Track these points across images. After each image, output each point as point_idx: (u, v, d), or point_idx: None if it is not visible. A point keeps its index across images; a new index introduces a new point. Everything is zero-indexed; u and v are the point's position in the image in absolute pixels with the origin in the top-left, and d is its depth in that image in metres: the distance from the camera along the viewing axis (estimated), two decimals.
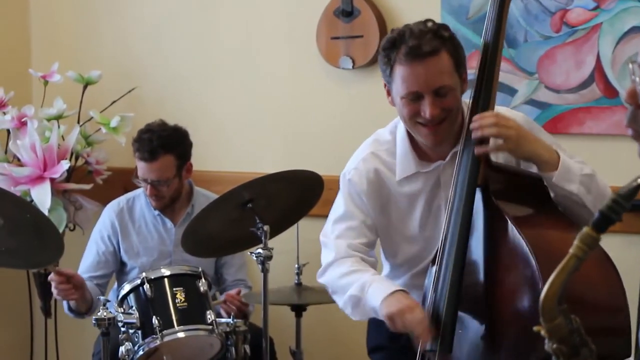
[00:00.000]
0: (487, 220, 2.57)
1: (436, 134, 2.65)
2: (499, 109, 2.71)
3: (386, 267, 2.95)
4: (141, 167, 3.71)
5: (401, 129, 2.77)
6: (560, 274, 1.46)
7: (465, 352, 2.59)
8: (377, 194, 2.79)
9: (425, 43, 2.57)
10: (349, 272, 2.74)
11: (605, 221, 1.44)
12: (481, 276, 2.57)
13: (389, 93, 2.70)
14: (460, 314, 2.56)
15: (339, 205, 2.85)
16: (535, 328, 1.50)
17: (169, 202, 3.80)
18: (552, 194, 2.58)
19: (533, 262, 2.40)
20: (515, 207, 2.56)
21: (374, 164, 2.79)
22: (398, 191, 2.79)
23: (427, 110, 2.58)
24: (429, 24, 2.63)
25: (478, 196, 2.59)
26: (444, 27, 2.66)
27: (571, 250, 1.45)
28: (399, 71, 2.61)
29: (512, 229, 2.49)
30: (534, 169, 2.62)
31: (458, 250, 2.56)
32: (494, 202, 2.56)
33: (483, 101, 2.62)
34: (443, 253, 2.60)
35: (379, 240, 2.89)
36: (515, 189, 2.61)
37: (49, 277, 3.56)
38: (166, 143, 3.69)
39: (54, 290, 3.58)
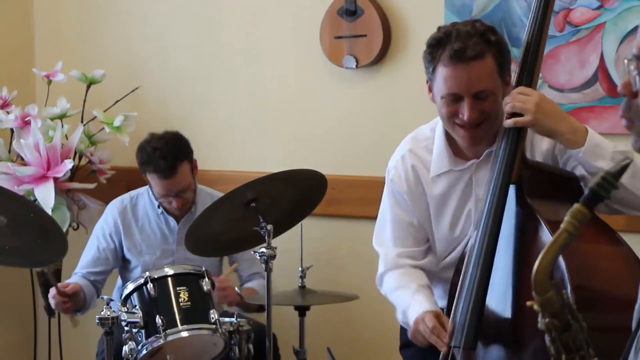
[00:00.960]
0: (519, 218, 2.57)
1: (473, 136, 2.67)
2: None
3: None
4: (162, 185, 3.71)
5: (441, 125, 2.80)
6: (551, 248, 1.50)
7: (489, 350, 2.59)
8: (415, 191, 2.85)
9: (470, 47, 2.57)
10: (395, 287, 2.85)
11: (595, 198, 1.48)
12: (509, 275, 2.56)
13: (430, 89, 2.71)
14: (486, 312, 2.56)
15: (385, 208, 2.93)
16: (528, 303, 1.52)
17: (190, 205, 3.81)
18: (586, 174, 2.57)
19: (563, 265, 2.38)
20: (548, 207, 2.55)
21: (412, 161, 2.85)
22: (431, 188, 2.83)
23: (465, 112, 2.60)
24: (477, 25, 2.63)
25: (511, 194, 2.59)
26: (492, 30, 2.65)
27: (562, 225, 1.49)
28: (441, 71, 2.61)
29: (544, 230, 2.49)
30: (577, 171, 2.62)
31: (488, 246, 2.56)
32: (527, 201, 2.56)
33: (527, 78, 2.64)
34: (473, 248, 2.60)
35: None
36: (550, 189, 2.60)
37: (51, 295, 3.58)
38: (177, 153, 3.70)
39: (53, 306, 3.62)
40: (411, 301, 2.75)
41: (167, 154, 3.67)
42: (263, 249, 3.12)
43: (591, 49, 3.49)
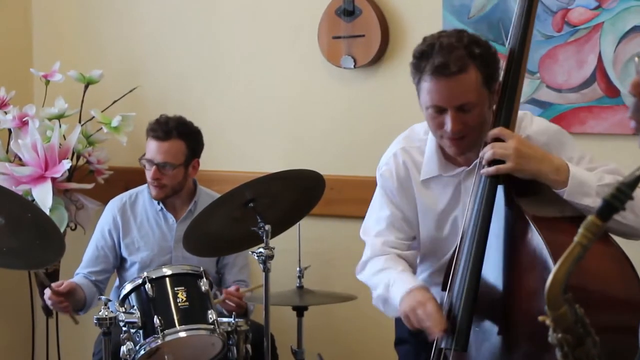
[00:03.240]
0: (507, 219, 2.57)
1: (458, 146, 2.67)
2: (537, 120, 2.74)
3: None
4: (151, 147, 3.75)
5: None
6: (565, 262, 1.47)
7: (480, 351, 2.59)
8: (405, 189, 2.85)
9: (452, 61, 2.54)
10: (379, 270, 2.81)
11: (609, 209, 1.45)
12: (499, 275, 2.56)
13: (419, 97, 2.70)
14: (477, 312, 2.56)
15: (376, 201, 2.92)
16: (540, 318, 1.50)
17: (170, 193, 3.80)
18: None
19: (551, 265, 2.38)
20: (537, 207, 2.55)
21: (404, 159, 2.84)
22: (420, 189, 2.83)
23: (448, 124, 2.59)
24: (462, 36, 2.60)
25: (500, 194, 2.59)
26: (477, 42, 2.61)
27: (576, 239, 1.46)
28: (425, 84, 2.60)
29: (532, 230, 2.48)
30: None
31: (477, 248, 2.56)
32: (515, 201, 2.55)
33: (506, 110, 2.62)
34: (461, 251, 2.60)
35: None
36: (539, 189, 2.59)
37: (46, 296, 3.58)
38: (181, 130, 3.77)
39: (50, 307, 3.61)
40: (397, 277, 2.73)
41: (170, 122, 3.76)
42: (261, 249, 3.12)
43: (589, 49, 3.49)
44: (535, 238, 2.47)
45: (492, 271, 2.56)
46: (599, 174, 2.57)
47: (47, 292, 3.56)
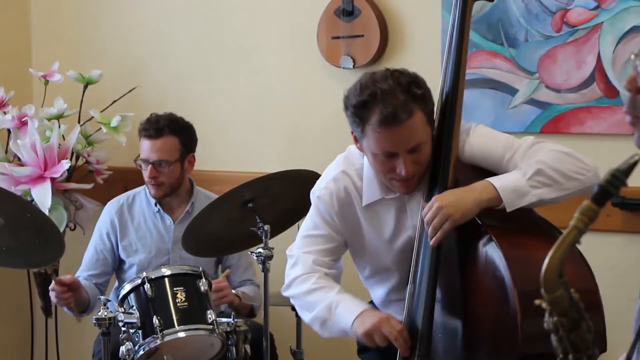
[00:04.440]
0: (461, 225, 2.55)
1: (408, 186, 2.66)
2: (479, 127, 2.71)
3: (361, 277, 2.99)
4: (145, 147, 3.74)
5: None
6: (561, 246, 1.47)
7: (444, 355, 2.62)
8: (347, 214, 2.80)
9: (400, 109, 2.51)
10: (314, 289, 2.77)
11: (605, 195, 1.47)
12: (457, 280, 2.58)
13: (357, 140, 2.67)
14: (438, 318, 2.58)
15: (309, 221, 2.86)
16: (536, 301, 1.51)
17: (169, 190, 3.79)
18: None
19: (504, 265, 2.40)
20: (486, 213, 2.55)
21: (345, 183, 2.79)
22: (365, 214, 2.79)
23: (402, 168, 2.58)
24: (399, 79, 2.56)
25: None
26: (414, 81, 2.58)
27: (572, 222, 1.47)
28: (373, 133, 2.56)
29: (484, 232, 2.50)
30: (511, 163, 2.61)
31: (432, 253, 2.57)
32: None
33: (446, 142, 2.63)
34: (417, 263, 2.62)
35: (349, 251, 2.91)
36: None
37: (50, 287, 3.58)
38: (173, 126, 3.76)
39: (54, 300, 3.61)
40: (339, 299, 2.71)
41: (160, 119, 3.75)
42: (260, 249, 3.13)
43: (588, 49, 3.49)
44: (486, 239, 2.49)
45: (450, 277, 2.58)
46: (522, 168, 2.54)
47: (52, 284, 3.55)
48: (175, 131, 3.75)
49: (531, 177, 2.50)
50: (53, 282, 3.55)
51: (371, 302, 2.98)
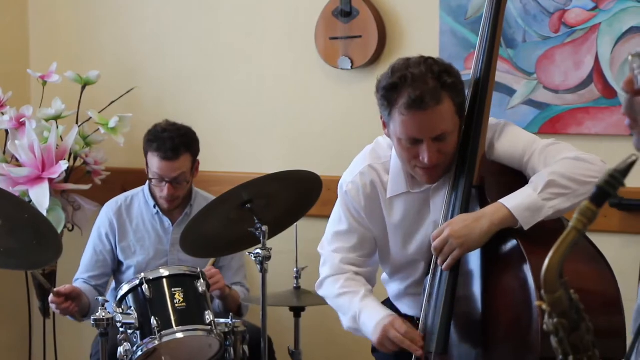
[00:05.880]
0: None
1: (431, 175, 2.66)
2: (506, 126, 2.70)
3: (384, 271, 2.98)
4: (161, 167, 3.70)
5: None
6: (560, 246, 1.47)
7: (461, 352, 2.61)
8: (373, 208, 2.81)
9: (428, 94, 2.51)
10: (340, 294, 2.82)
11: (603, 195, 1.46)
12: (478, 276, 2.57)
13: (385, 125, 2.67)
14: (456, 314, 2.58)
15: (337, 217, 2.88)
16: (537, 303, 1.51)
17: (181, 201, 3.81)
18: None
19: (527, 265, 2.39)
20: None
21: (371, 177, 2.80)
22: (388, 208, 2.79)
23: (425, 155, 2.57)
24: (432, 66, 2.56)
25: (474, 195, 2.60)
26: (447, 70, 2.58)
27: (571, 223, 1.46)
28: (399, 117, 2.57)
29: (509, 234, 2.49)
30: (532, 162, 2.60)
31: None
32: (488, 202, 2.55)
33: (474, 138, 2.62)
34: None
35: None
36: (514, 188, 2.57)
37: (50, 299, 3.58)
38: (186, 142, 3.73)
39: (55, 311, 3.61)
40: (362, 306, 2.74)
41: (176, 137, 3.70)
42: (258, 250, 3.12)
43: (586, 50, 3.49)
44: (510, 240, 2.49)
45: (470, 272, 2.58)
46: (533, 183, 2.52)
47: (51, 296, 3.57)
48: (189, 147, 3.74)
49: (543, 190, 2.47)
50: (51, 294, 3.55)
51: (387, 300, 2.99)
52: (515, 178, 2.62)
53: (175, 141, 3.69)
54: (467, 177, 2.60)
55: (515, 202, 2.48)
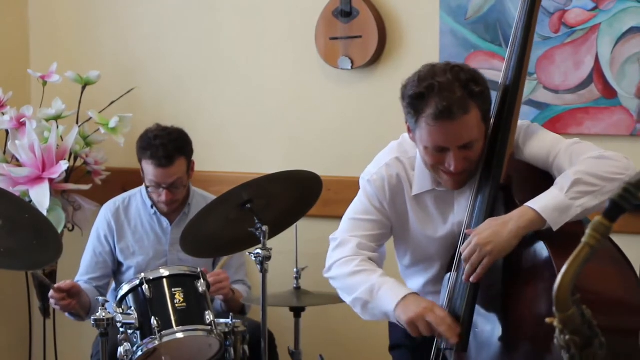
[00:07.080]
0: None
1: (457, 181, 2.66)
2: (531, 126, 2.70)
3: (400, 266, 2.98)
4: (156, 174, 3.70)
5: None
6: (573, 264, 1.44)
7: (480, 352, 2.60)
8: (397, 201, 2.80)
9: (455, 104, 2.50)
10: (356, 271, 2.76)
11: (617, 210, 1.43)
12: (499, 277, 2.56)
13: (410, 130, 2.66)
14: (476, 314, 2.57)
15: (357, 205, 2.87)
16: (547, 320, 1.49)
17: (179, 203, 3.81)
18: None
19: (554, 268, 2.38)
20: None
21: (397, 170, 2.79)
22: (413, 203, 2.79)
23: (452, 163, 2.57)
24: (459, 74, 2.54)
25: (500, 195, 2.59)
26: (474, 79, 2.56)
27: (584, 239, 1.44)
28: (426, 126, 2.55)
29: (534, 233, 2.48)
30: (561, 160, 2.59)
31: None
32: (516, 204, 2.54)
33: (501, 142, 2.62)
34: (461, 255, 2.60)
35: (392, 237, 2.91)
36: (541, 188, 2.55)
37: (50, 295, 3.58)
38: (179, 146, 3.72)
39: (55, 307, 3.61)
40: (382, 281, 2.69)
41: (168, 144, 3.68)
42: (258, 250, 3.12)
43: (586, 50, 3.49)
44: (536, 240, 2.47)
45: (492, 273, 2.56)
46: (559, 183, 2.51)
47: (51, 292, 3.56)
48: (182, 151, 3.73)
49: (569, 190, 2.46)
50: (52, 289, 3.56)
51: None
52: (542, 177, 2.61)
53: (168, 147, 3.68)
54: (494, 179, 2.60)
55: (542, 203, 2.47)
